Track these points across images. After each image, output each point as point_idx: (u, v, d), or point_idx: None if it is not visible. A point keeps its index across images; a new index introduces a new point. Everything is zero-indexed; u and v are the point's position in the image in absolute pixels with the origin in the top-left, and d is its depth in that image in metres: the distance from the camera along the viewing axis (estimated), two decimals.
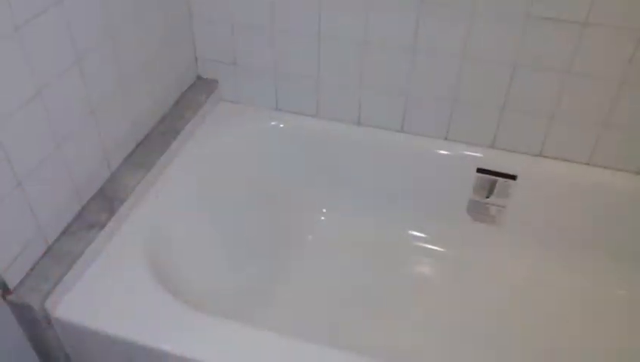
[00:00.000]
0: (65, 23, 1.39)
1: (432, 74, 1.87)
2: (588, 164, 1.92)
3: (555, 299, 1.99)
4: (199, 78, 2.13)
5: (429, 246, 2.16)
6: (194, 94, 2.05)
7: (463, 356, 1.83)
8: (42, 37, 1.32)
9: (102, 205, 1.60)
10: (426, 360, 1.79)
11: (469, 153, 1.98)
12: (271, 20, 1.91)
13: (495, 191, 1.99)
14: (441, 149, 2.00)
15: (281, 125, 2.09)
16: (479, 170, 1.97)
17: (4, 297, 1.33)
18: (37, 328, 1.38)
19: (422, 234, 2.17)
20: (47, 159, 1.41)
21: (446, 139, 2.00)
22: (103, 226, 1.54)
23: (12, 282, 1.35)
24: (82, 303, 1.41)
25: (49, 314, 1.37)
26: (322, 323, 1.88)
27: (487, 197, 2.01)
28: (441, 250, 2.15)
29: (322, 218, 2.23)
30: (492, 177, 1.97)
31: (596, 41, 1.68)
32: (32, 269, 1.40)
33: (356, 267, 2.10)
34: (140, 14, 1.69)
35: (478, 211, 2.06)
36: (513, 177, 1.95)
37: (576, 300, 1.99)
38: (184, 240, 1.76)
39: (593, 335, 1.90)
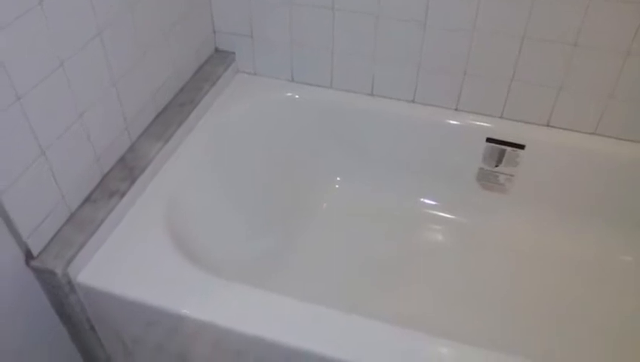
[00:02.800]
0: None
1: (443, 46, 1.82)
2: (594, 133, 1.87)
3: (562, 266, 1.96)
4: (217, 50, 2.08)
5: (440, 214, 2.13)
6: (212, 66, 2.01)
7: (472, 321, 1.80)
8: (65, 8, 1.28)
9: (123, 174, 1.57)
10: (437, 326, 1.75)
11: (478, 123, 1.93)
12: None
13: (504, 160, 1.95)
14: (451, 119, 1.95)
15: (297, 96, 2.05)
16: (489, 140, 1.93)
17: (28, 263, 1.31)
18: (60, 293, 1.36)
19: (433, 202, 2.14)
20: (69, 129, 1.37)
21: (456, 109, 1.95)
22: (123, 194, 1.52)
23: (36, 248, 1.33)
24: (104, 269, 1.39)
25: (71, 280, 1.35)
26: (336, 289, 1.85)
27: (497, 166, 1.98)
28: (452, 217, 2.12)
29: (337, 186, 2.20)
30: (501, 147, 1.93)
31: (603, 14, 1.63)
32: (55, 236, 1.38)
33: (369, 234, 2.07)
34: None
35: (487, 180, 2.02)
36: (522, 147, 1.91)
37: (583, 266, 1.95)
38: (202, 208, 1.73)
39: (600, 301, 1.87)
